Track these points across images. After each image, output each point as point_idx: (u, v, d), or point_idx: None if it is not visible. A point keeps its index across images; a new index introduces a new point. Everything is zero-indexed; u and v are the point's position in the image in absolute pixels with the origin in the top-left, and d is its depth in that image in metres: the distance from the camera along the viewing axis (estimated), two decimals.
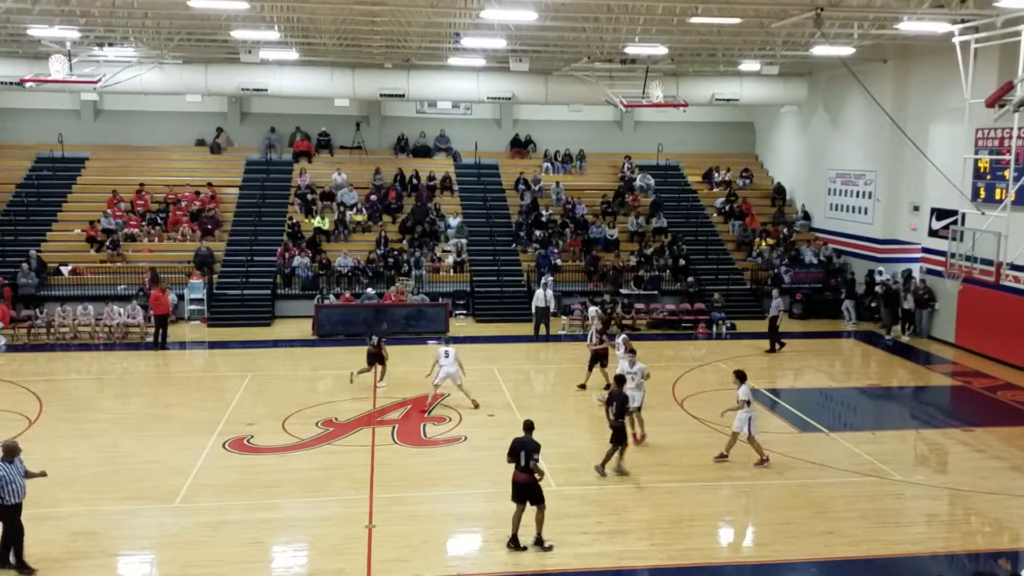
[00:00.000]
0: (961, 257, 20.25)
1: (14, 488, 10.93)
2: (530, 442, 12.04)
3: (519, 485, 12.01)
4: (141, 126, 33.97)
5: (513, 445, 12.10)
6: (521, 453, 11.94)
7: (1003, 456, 16.22)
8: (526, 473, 11.92)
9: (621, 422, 14.67)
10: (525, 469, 11.90)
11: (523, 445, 12.02)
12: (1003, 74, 20.26)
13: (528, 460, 11.85)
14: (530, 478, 11.93)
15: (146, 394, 19.99)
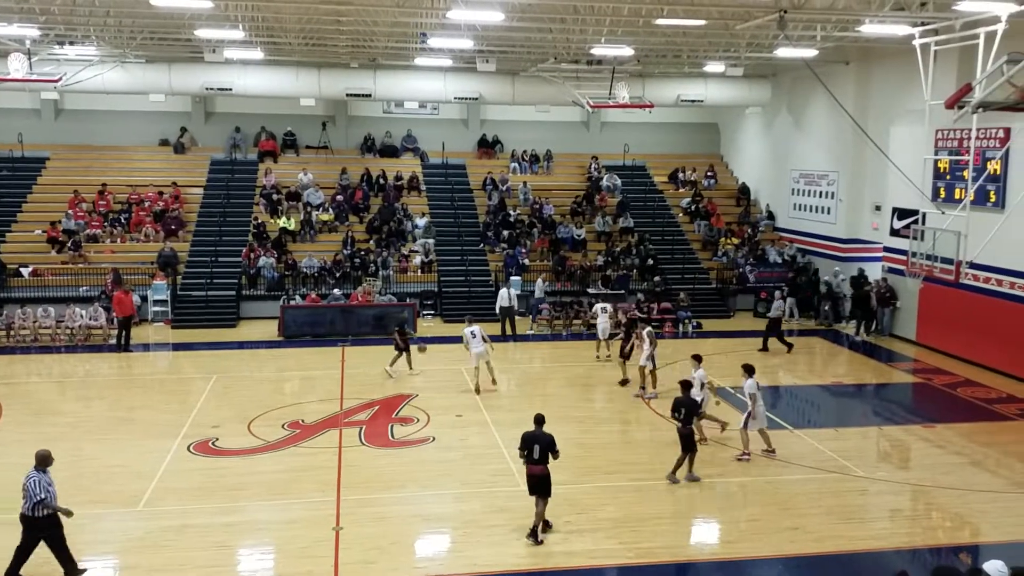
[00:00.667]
0: (922, 256, 20.57)
1: (50, 496, 10.85)
2: (543, 435, 12.25)
3: (535, 478, 12.25)
4: (103, 125, 33.54)
5: (525, 439, 12.32)
6: (535, 447, 12.16)
7: (963, 452, 16.51)
8: (539, 465, 12.17)
9: (690, 428, 14.50)
10: (538, 462, 12.13)
11: (536, 439, 12.24)
12: (962, 76, 20.61)
13: (542, 453, 12.09)
14: (545, 471, 12.19)
15: (109, 397, 19.73)
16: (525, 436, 12.39)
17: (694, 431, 14.69)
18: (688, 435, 14.50)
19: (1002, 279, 21.87)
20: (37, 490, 10.66)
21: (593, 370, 22.56)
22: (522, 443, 12.37)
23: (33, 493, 10.65)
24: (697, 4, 18.78)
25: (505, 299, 26.04)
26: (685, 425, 14.46)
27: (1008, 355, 21.54)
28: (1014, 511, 13.77)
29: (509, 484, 14.40)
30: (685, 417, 14.47)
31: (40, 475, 10.83)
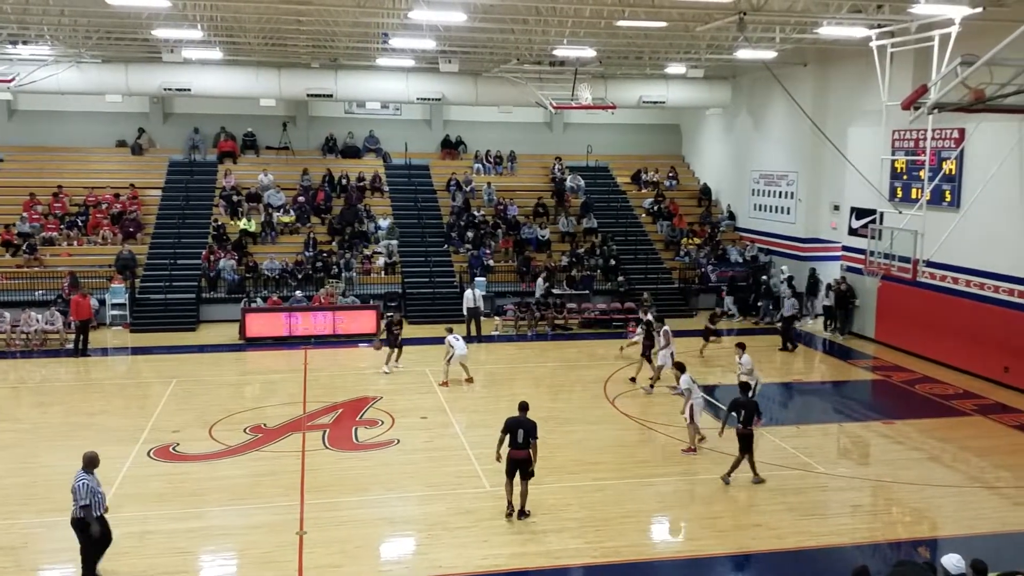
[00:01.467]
0: (880, 255, 20.91)
1: (98, 500, 10.91)
2: (527, 421, 12.88)
3: (516, 461, 12.87)
4: (59, 126, 32.97)
5: (508, 424, 12.89)
6: (520, 431, 12.78)
7: (922, 447, 16.78)
8: (523, 450, 12.79)
9: (750, 429, 14.37)
10: (522, 446, 12.77)
11: (521, 424, 12.86)
12: (918, 77, 20.97)
13: (527, 438, 12.73)
14: (527, 454, 12.84)
15: (66, 402, 19.37)
16: (509, 421, 12.93)
17: (753, 432, 14.47)
18: (747, 436, 14.36)
19: (958, 277, 22.26)
20: (84, 494, 10.76)
21: (558, 371, 22.62)
22: (505, 428, 12.90)
23: (80, 497, 10.75)
24: (658, 6, 18.89)
25: (471, 300, 26.01)
26: (745, 426, 14.33)
27: (964, 352, 21.95)
28: (971, 505, 14.03)
29: (474, 486, 14.38)
30: (745, 418, 14.33)
31: (88, 478, 10.89)
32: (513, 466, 12.94)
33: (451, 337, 20.89)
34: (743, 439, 14.42)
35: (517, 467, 12.89)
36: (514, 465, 12.92)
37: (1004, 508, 13.90)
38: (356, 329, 25.99)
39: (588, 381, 21.28)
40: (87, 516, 10.79)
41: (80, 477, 10.87)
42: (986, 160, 20.78)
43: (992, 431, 17.66)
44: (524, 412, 13.12)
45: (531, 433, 12.82)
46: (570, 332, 27.34)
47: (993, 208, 20.77)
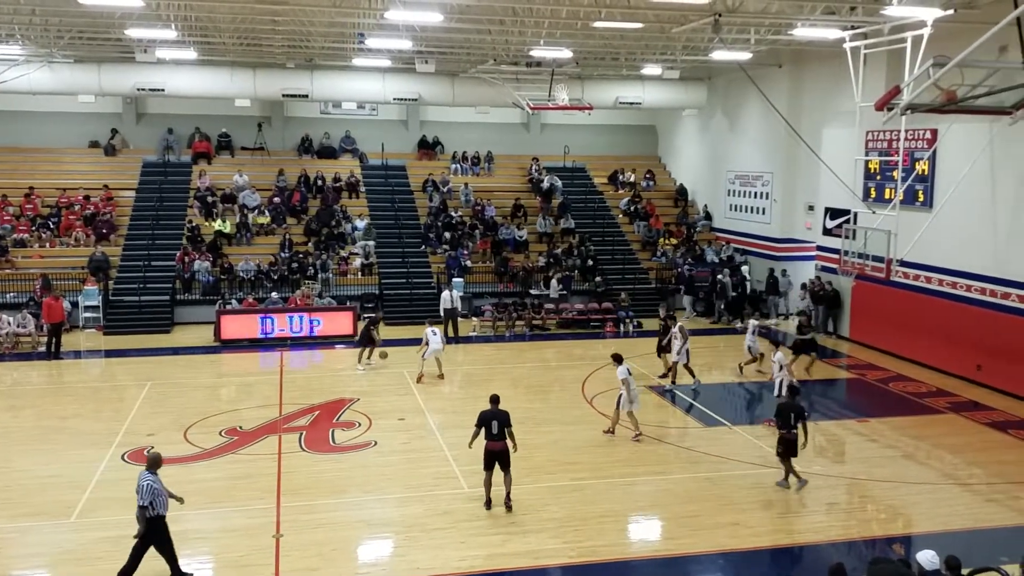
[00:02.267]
0: (854, 255, 21.07)
1: (163, 499, 11.03)
2: (500, 412, 13.31)
3: (493, 453, 13.22)
4: (30, 127, 32.61)
5: (482, 416, 13.30)
6: (493, 423, 13.18)
7: (896, 445, 16.93)
8: (499, 441, 13.17)
9: (795, 434, 14.17)
10: (497, 438, 13.16)
11: (495, 416, 13.27)
12: (891, 78, 21.16)
13: (501, 428, 13.14)
14: (503, 445, 13.20)
15: (39, 406, 19.13)
16: (483, 414, 13.31)
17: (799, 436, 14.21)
18: (792, 440, 14.18)
19: (931, 276, 22.50)
20: (145, 495, 10.88)
21: (536, 371, 22.64)
22: (480, 420, 13.29)
23: (141, 497, 10.90)
24: (634, 7, 18.95)
25: (448, 301, 25.97)
26: (790, 431, 14.13)
27: (938, 350, 22.18)
28: (945, 502, 14.18)
29: (452, 487, 14.36)
30: (794, 422, 14.14)
31: (152, 479, 10.99)
32: (491, 458, 13.25)
33: (429, 331, 21.09)
34: (788, 443, 14.22)
35: (495, 459, 13.23)
36: (491, 457, 13.25)
37: (977, 504, 14.06)
38: (333, 331, 25.86)
39: (566, 381, 21.31)
40: (138, 516, 11.02)
41: (145, 477, 10.99)
42: (958, 160, 21.01)
43: (965, 428, 17.86)
44: (496, 404, 13.56)
45: (505, 423, 13.23)
46: (548, 333, 27.37)
47: (965, 208, 21.01)
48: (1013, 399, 19.73)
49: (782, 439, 14.31)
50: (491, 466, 13.29)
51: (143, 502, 10.88)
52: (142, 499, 10.88)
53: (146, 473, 11.05)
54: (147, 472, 11.07)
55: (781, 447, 14.33)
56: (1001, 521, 13.39)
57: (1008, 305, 20.29)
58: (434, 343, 20.99)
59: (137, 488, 10.98)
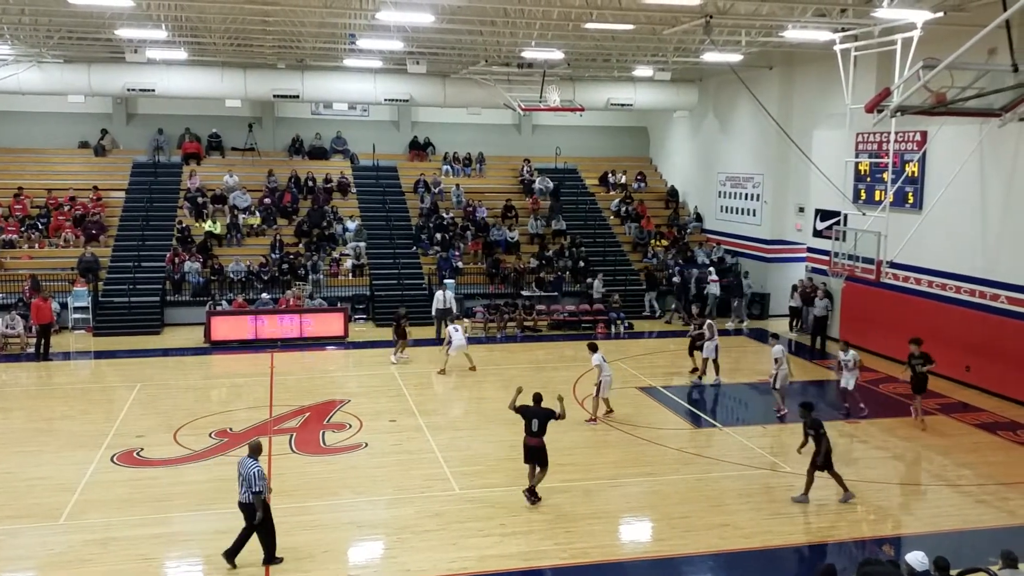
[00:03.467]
0: (844, 256, 21.14)
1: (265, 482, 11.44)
2: (540, 410, 13.69)
3: (531, 448, 13.69)
4: (19, 127, 32.46)
5: (525, 413, 13.72)
6: (534, 420, 13.59)
7: (885, 446, 16.99)
8: (537, 438, 13.58)
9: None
10: (536, 435, 13.56)
11: (535, 413, 13.65)
12: (881, 81, 21.27)
13: (541, 426, 13.55)
14: (540, 442, 13.62)
15: (28, 407, 19.04)
16: (525, 410, 13.74)
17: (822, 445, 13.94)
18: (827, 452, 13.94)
19: (921, 278, 22.58)
20: (258, 481, 11.22)
21: (527, 372, 22.61)
22: (522, 414, 13.76)
23: (253, 483, 11.19)
24: (625, 9, 18.98)
25: (441, 301, 25.95)
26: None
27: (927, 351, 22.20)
28: (934, 503, 14.24)
29: (444, 489, 14.35)
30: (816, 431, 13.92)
31: (259, 465, 11.37)
32: (529, 453, 13.79)
33: (451, 328, 22.12)
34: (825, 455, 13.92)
35: (533, 455, 13.74)
36: (529, 452, 13.77)
37: (966, 506, 14.11)
38: (323, 332, 25.80)
39: (557, 383, 21.27)
40: (256, 502, 11.28)
41: (252, 464, 11.31)
42: (948, 162, 21.09)
43: (954, 429, 17.93)
44: (538, 403, 13.88)
45: (544, 422, 13.65)
46: (539, 334, 27.37)
47: (955, 210, 21.09)
48: (1002, 400, 19.82)
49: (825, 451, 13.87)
50: (530, 460, 13.81)
51: (257, 488, 11.23)
52: (256, 485, 11.22)
53: (251, 460, 11.39)
54: (251, 459, 11.41)
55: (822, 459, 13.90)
56: (990, 522, 13.44)
57: (997, 307, 20.37)
58: (457, 339, 21.82)
59: (245, 477, 11.27)
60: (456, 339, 21.90)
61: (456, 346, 21.91)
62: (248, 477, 11.25)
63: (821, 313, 25.44)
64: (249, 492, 11.26)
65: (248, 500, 11.31)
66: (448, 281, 28.40)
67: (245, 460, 11.46)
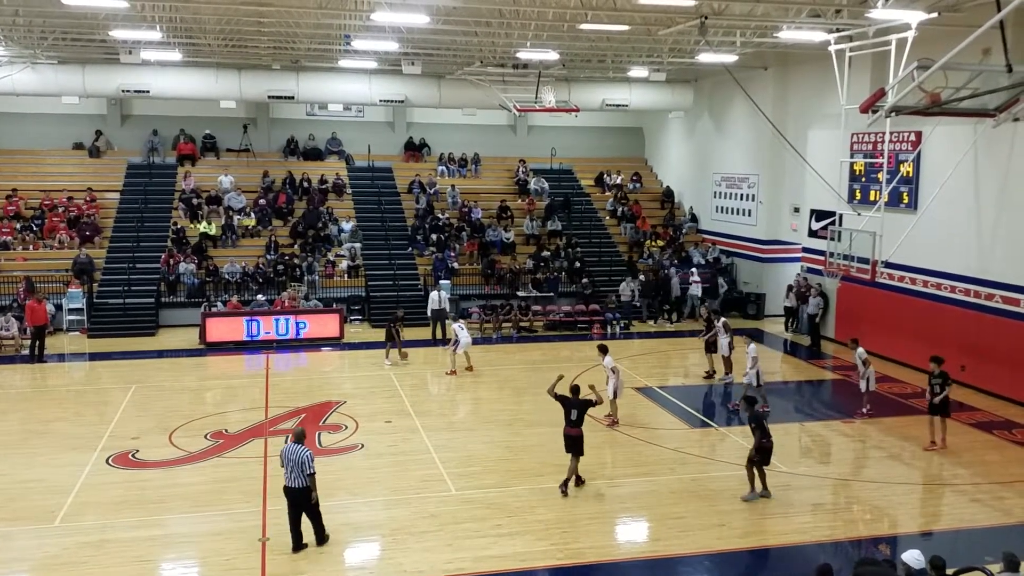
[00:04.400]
0: (839, 256, 21.16)
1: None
2: (578, 401, 14.27)
3: (570, 437, 14.22)
4: (13, 128, 32.38)
5: (565, 403, 14.32)
6: (573, 411, 14.15)
7: (881, 446, 17.01)
8: (576, 428, 14.11)
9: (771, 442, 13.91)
10: (575, 424, 14.12)
11: (573, 404, 14.22)
12: (876, 81, 21.28)
13: (579, 416, 14.12)
14: (579, 432, 14.14)
15: (22, 409, 18.98)
16: (564, 401, 14.30)
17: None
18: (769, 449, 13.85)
19: (915, 278, 22.62)
20: (311, 464, 11.89)
21: (523, 373, 22.62)
22: (563, 406, 14.31)
23: (307, 466, 11.82)
24: (620, 9, 18.99)
25: (436, 302, 25.94)
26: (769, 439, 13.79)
27: (922, 351, 22.19)
28: (929, 502, 14.27)
29: (440, 489, 14.33)
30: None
31: (308, 449, 12.01)
32: (568, 442, 14.29)
33: (456, 326, 22.23)
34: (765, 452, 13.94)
35: (571, 442, 14.23)
36: (569, 441, 14.28)
37: (961, 505, 14.13)
38: (319, 333, 25.76)
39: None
40: (312, 483, 11.89)
41: (302, 449, 11.90)
42: (942, 162, 21.13)
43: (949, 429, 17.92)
44: (576, 394, 14.43)
45: (582, 412, 14.22)
46: (535, 334, 27.37)
47: (949, 210, 21.13)
48: (997, 399, 19.86)
49: (760, 447, 13.89)
50: (569, 449, 14.28)
51: (311, 470, 11.86)
52: (309, 468, 11.83)
53: (298, 446, 11.94)
54: (299, 445, 11.96)
55: (759, 456, 13.92)
56: (985, 521, 13.46)
57: (992, 306, 20.41)
58: (463, 337, 21.85)
59: (297, 461, 11.79)
60: (463, 337, 21.93)
61: (464, 344, 21.91)
62: (302, 461, 11.81)
63: (814, 311, 25.55)
64: (302, 476, 11.80)
65: (300, 484, 11.84)
66: (444, 282, 28.38)
67: (292, 447, 11.97)
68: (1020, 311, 19.66)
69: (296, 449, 11.92)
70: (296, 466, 11.81)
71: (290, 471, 11.86)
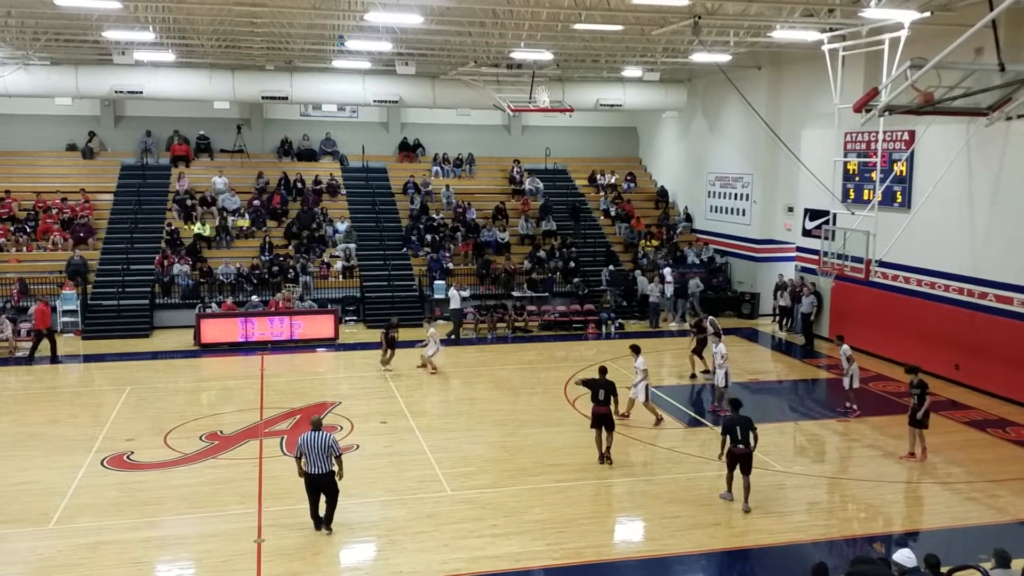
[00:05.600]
0: (833, 255, 21.20)
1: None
2: (606, 382, 15.43)
3: (599, 416, 15.39)
4: (6, 130, 32.25)
5: (590, 385, 15.56)
6: (600, 391, 15.30)
7: (876, 444, 17.05)
8: (604, 406, 15.29)
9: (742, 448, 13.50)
10: (603, 403, 15.27)
11: (601, 384, 15.39)
12: (869, 80, 21.34)
13: (607, 396, 15.27)
14: (607, 410, 15.31)
15: (16, 412, 18.93)
16: (591, 382, 15.59)
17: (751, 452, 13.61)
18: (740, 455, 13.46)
19: (909, 276, 22.67)
20: (339, 447, 12.58)
21: (518, 373, 22.63)
22: (589, 386, 15.62)
23: (336, 448, 12.45)
24: (614, 9, 19.01)
25: (456, 301, 26.09)
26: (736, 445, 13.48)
27: (916, 350, 22.31)
28: (922, 501, 14.30)
29: (436, 490, 14.33)
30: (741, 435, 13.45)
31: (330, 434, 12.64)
32: (597, 420, 15.37)
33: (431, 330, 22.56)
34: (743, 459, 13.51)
35: (600, 421, 15.34)
36: (597, 419, 15.37)
37: (955, 503, 14.17)
38: (314, 334, 25.74)
39: (549, 383, 21.32)
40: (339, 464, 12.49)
41: (325, 435, 12.44)
42: (936, 161, 21.18)
43: (943, 427, 17.99)
44: (604, 375, 15.68)
45: (611, 392, 15.30)
46: (530, 335, 27.38)
47: (943, 208, 21.18)
48: (991, 398, 19.92)
49: (731, 454, 13.51)
50: (597, 426, 15.39)
51: (339, 452, 12.50)
52: (337, 450, 12.44)
53: (319, 433, 12.39)
54: (317, 432, 12.40)
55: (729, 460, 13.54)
56: (980, 519, 13.51)
57: (985, 305, 20.47)
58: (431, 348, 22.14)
59: (324, 447, 12.27)
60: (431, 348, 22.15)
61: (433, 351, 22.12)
62: (329, 445, 12.33)
63: (807, 310, 25.61)
64: (331, 459, 12.33)
65: (322, 470, 12.28)
66: (438, 283, 28.40)
67: (313, 434, 12.36)
68: (1013, 309, 19.73)
69: (318, 436, 12.35)
70: (322, 451, 12.26)
71: (313, 459, 12.28)
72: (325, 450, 12.29)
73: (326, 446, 12.31)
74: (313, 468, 12.32)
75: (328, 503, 12.59)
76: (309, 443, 12.34)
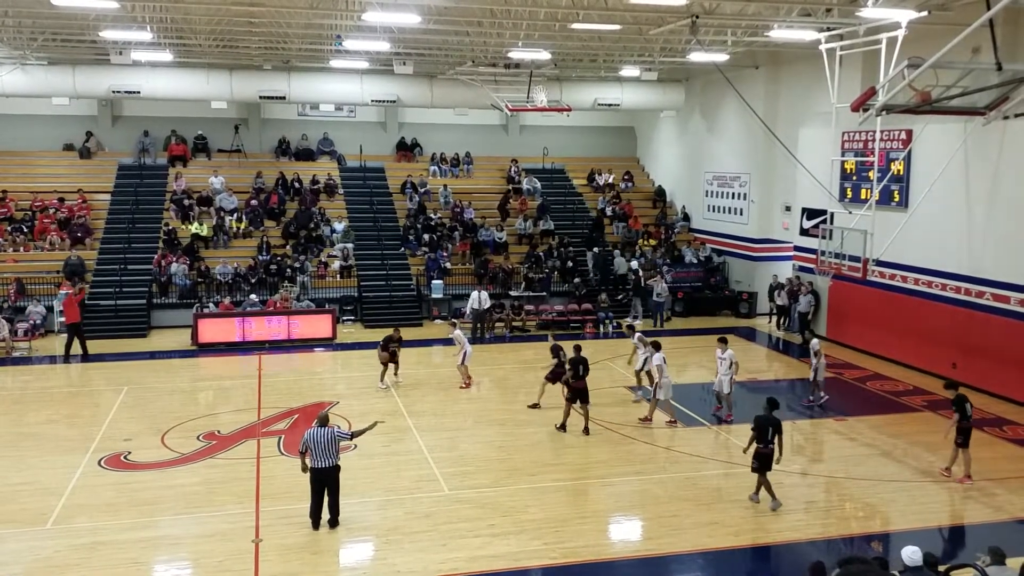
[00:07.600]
0: (831, 254, 21.22)
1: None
2: (584, 359, 17.18)
3: (579, 390, 17.07)
4: (3, 130, 32.23)
5: (573, 361, 17.14)
6: (580, 367, 17.01)
7: (874, 443, 17.07)
8: (583, 380, 17.06)
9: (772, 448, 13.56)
10: (582, 378, 17.07)
11: (581, 361, 17.09)
12: (866, 80, 21.35)
13: (585, 371, 17.10)
14: (584, 384, 17.05)
15: (13, 412, 18.90)
16: (575, 360, 17.13)
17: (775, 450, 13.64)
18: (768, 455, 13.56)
19: (907, 275, 22.69)
20: (343, 434, 13.12)
21: (516, 373, 22.63)
22: (572, 365, 17.12)
23: (345, 434, 13.10)
24: (612, 9, 19.00)
25: (477, 302, 26.21)
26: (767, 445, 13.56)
27: (914, 349, 22.38)
28: (920, 499, 14.31)
29: (433, 490, 14.33)
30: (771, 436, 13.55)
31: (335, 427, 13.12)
32: (576, 393, 17.11)
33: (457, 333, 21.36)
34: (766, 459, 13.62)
35: (578, 395, 17.10)
36: (576, 393, 17.12)
37: (953, 502, 14.19)
38: (311, 334, 25.73)
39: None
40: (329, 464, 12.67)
41: (327, 431, 12.64)
42: (933, 160, 21.21)
43: (941, 426, 17.91)
44: (579, 352, 17.39)
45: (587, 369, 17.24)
46: (527, 334, 27.37)
47: (940, 207, 21.21)
48: (988, 396, 19.93)
49: (758, 454, 13.64)
50: (575, 399, 17.08)
51: (347, 434, 13.20)
52: (344, 435, 13.07)
53: (324, 428, 12.64)
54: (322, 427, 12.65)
55: (756, 462, 13.70)
56: (977, 518, 13.54)
57: (983, 303, 20.50)
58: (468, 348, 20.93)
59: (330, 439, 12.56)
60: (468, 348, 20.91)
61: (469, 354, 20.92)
62: (335, 437, 12.64)
63: (805, 309, 25.65)
64: (330, 456, 12.56)
65: (327, 464, 12.55)
66: (436, 282, 28.39)
67: (317, 430, 12.56)
68: (1010, 308, 19.76)
69: (325, 431, 12.60)
70: (329, 444, 12.51)
71: (319, 454, 12.49)
72: (331, 442, 12.55)
73: (333, 439, 12.60)
74: (319, 462, 12.52)
75: (331, 498, 12.76)
76: (315, 438, 12.53)
